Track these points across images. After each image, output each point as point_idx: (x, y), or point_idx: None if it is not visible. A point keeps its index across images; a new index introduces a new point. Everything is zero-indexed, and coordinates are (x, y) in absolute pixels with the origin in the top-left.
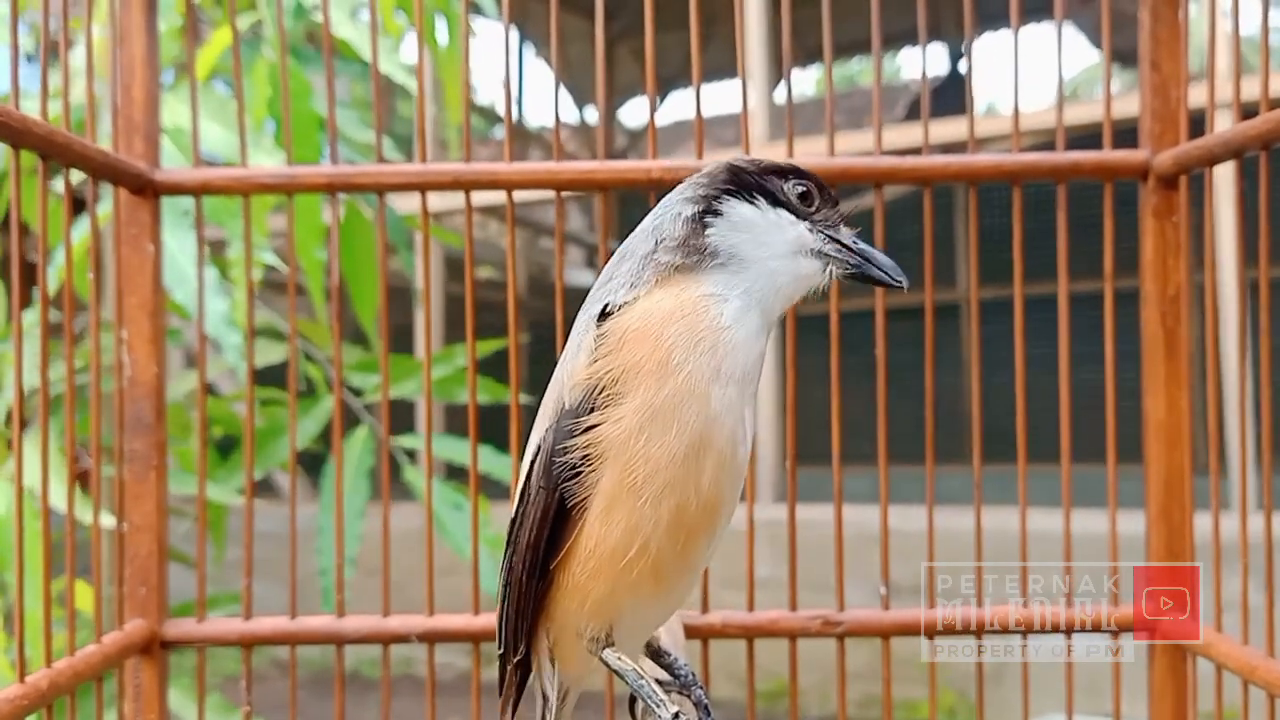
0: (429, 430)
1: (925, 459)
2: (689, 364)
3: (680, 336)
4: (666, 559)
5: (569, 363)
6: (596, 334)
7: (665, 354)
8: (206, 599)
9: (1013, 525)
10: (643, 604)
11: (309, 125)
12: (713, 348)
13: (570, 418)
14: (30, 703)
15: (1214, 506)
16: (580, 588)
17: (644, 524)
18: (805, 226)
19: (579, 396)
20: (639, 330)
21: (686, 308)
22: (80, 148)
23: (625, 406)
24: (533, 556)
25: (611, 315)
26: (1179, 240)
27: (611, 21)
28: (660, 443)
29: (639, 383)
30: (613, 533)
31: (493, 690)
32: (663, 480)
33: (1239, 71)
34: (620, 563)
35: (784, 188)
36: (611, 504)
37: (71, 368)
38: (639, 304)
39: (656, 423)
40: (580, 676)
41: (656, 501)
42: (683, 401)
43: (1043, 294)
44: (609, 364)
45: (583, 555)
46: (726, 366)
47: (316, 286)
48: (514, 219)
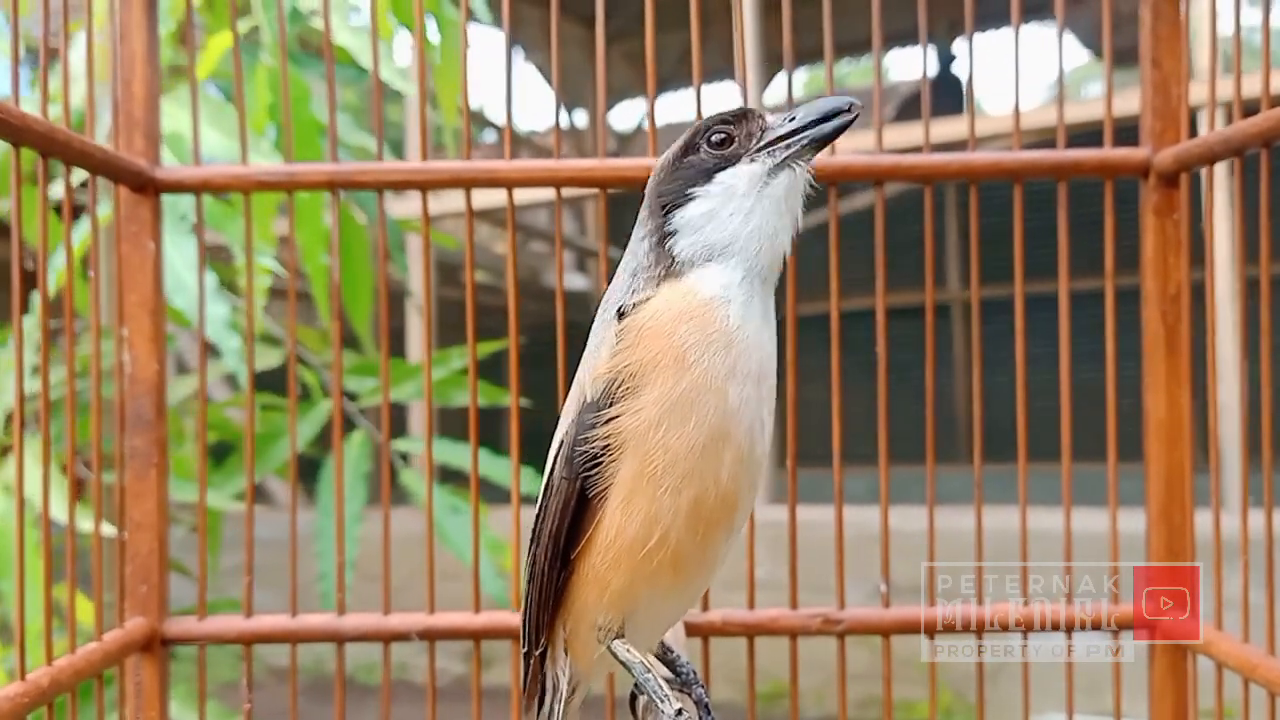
0: (429, 434)
1: (924, 459)
2: (704, 361)
3: (693, 336)
4: (686, 550)
5: (590, 359)
6: (617, 329)
7: (680, 351)
8: (203, 606)
9: (1013, 524)
10: (660, 596)
11: (309, 130)
12: (726, 348)
13: (591, 411)
14: (31, 700)
15: (1214, 504)
16: (600, 578)
17: (663, 514)
18: (745, 163)
19: (600, 389)
20: (653, 328)
21: (695, 310)
22: (80, 145)
23: (644, 398)
24: (554, 546)
25: (628, 313)
26: (1179, 238)
27: (605, 24)
28: (679, 433)
29: (657, 376)
30: (632, 522)
31: (492, 691)
32: (681, 470)
33: (1239, 70)
34: (640, 553)
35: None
36: (631, 494)
37: (72, 370)
38: (650, 303)
39: (675, 414)
40: (591, 671)
41: (676, 491)
42: (700, 395)
43: (1041, 292)
44: (627, 358)
45: (603, 545)
46: (741, 365)
47: (321, 291)
48: (514, 218)
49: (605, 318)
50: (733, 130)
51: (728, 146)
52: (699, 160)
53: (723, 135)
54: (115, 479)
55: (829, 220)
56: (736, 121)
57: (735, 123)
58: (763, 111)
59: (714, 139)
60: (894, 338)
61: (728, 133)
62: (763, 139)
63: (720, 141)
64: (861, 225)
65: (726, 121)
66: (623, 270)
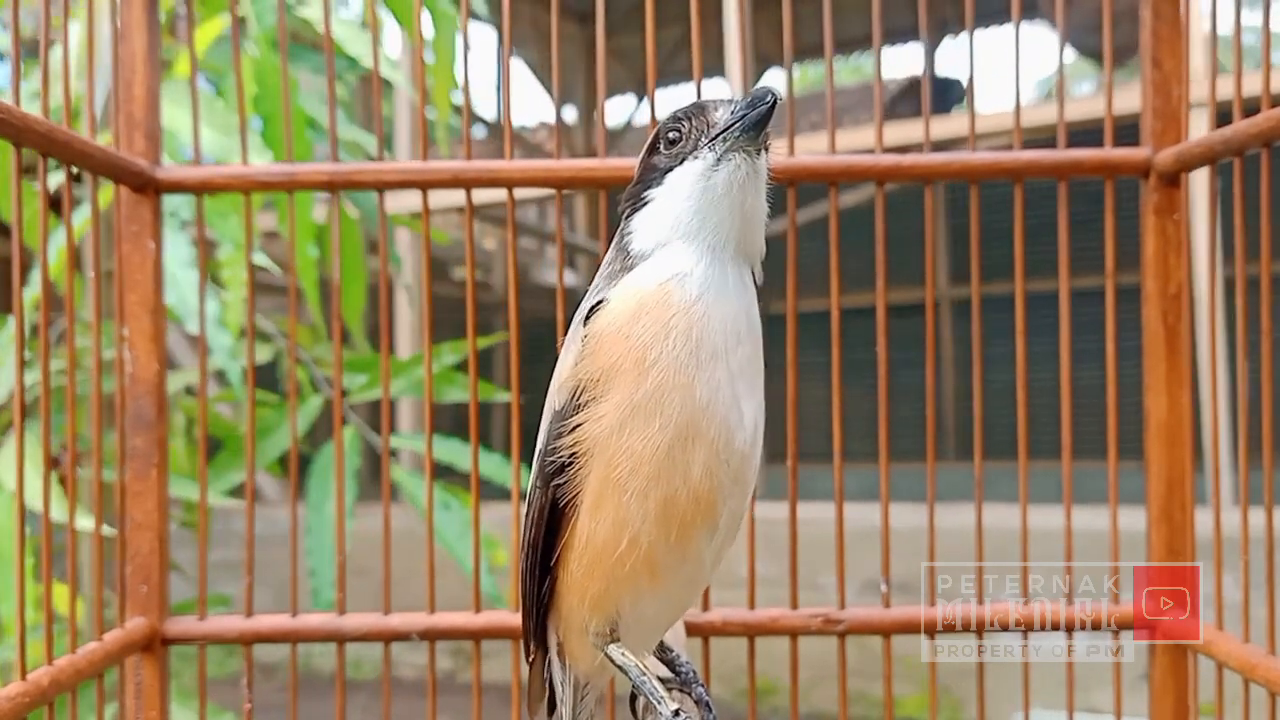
0: (429, 430)
1: (911, 456)
2: (664, 357)
3: (649, 330)
4: (659, 552)
5: (559, 367)
6: (581, 336)
7: (640, 351)
8: (193, 601)
9: (1012, 522)
10: (643, 599)
11: (297, 123)
12: (686, 330)
13: (559, 419)
14: (31, 700)
15: (1215, 503)
16: (579, 584)
17: (632, 518)
18: (690, 160)
19: (565, 398)
20: (610, 332)
21: (649, 301)
22: (81, 145)
23: (606, 404)
24: (533, 555)
25: (591, 319)
26: (1180, 238)
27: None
28: (642, 436)
29: (618, 380)
30: (601, 528)
31: (492, 689)
32: (646, 474)
33: (1239, 69)
34: (612, 557)
35: (662, 155)
36: (599, 500)
37: (73, 366)
38: (608, 306)
39: (637, 417)
40: (593, 673)
41: (643, 495)
42: (664, 395)
43: (1040, 290)
44: (589, 365)
45: (577, 551)
46: (706, 344)
47: (311, 286)
48: (514, 217)
49: (576, 321)
50: (683, 128)
51: (678, 145)
52: (658, 161)
53: (675, 134)
54: (115, 476)
55: (829, 218)
56: (688, 118)
57: (687, 120)
58: (717, 103)
59: (670, 138)
60: (890, 336)
61: (680, 130)
62: (709, 134)
63: (673, 140)
64: (850, 222)
65: (679, 119)
66: (597, 276)
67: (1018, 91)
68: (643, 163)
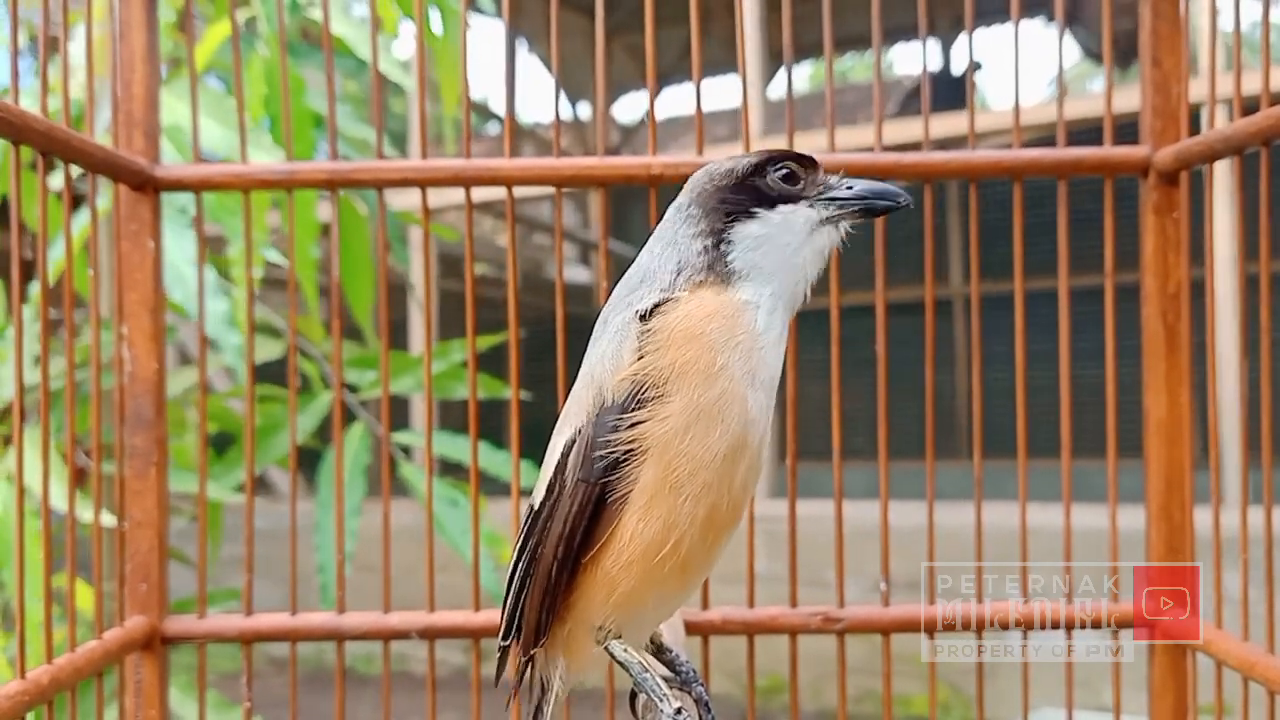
0: (429, 427)
1: (923, 455)
2: (731, 365)
3: (720, 335)
4: (696, 555)
5: (610, 360)
6: (642, 330)
7: (711, 356)
8: (203, 604)
9: (1012, 521)
10: (666, 598)
11: (304, 122)
12: (748, 352)
13: (614, 413)
14: (31, 698)
15: (1214, 502)
16: (610, 580)
17: (681, 520)
18: (805, 205)
19: (625, 392)
20: (685, 330)
21: (726, 310)
22: (80, 144)
23: (672, 405)
24: (565, 549)
25: (656, 314)
26: (1179, 236)
27: (606, 17)
28: (704, 442)
29: (686, 382)
30: (650, 527)
31: (489, 681)
32: (702, 480)
33: (1239, 68)
34: (654, 557)
35: (770, 182)
36: (652, 500)
37: (72, 363)
38: (681, 304)
39: (701, 422)
40: (584, 669)
41: (695, 500)
42: (728, 404)
43: (1041, 288)
44: (656, 361)
45: (617, 548)
46: (760, 373)
47: (310, 283)
48: (514, 215)
49: (622, 318)
50: (798, 172)
51: (792, 184)
52: (765, 185)
53: (788, 172)
54: (115, 471)
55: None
56: (802, 165)
57: (802, 165)
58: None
59: (781, 173)
60: (893, 333)
61: (794, 171)
62: (824, 192)
63: (786, 177)
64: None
65: (795, 161)
66: (658, 258)
67: (1018, 90)
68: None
